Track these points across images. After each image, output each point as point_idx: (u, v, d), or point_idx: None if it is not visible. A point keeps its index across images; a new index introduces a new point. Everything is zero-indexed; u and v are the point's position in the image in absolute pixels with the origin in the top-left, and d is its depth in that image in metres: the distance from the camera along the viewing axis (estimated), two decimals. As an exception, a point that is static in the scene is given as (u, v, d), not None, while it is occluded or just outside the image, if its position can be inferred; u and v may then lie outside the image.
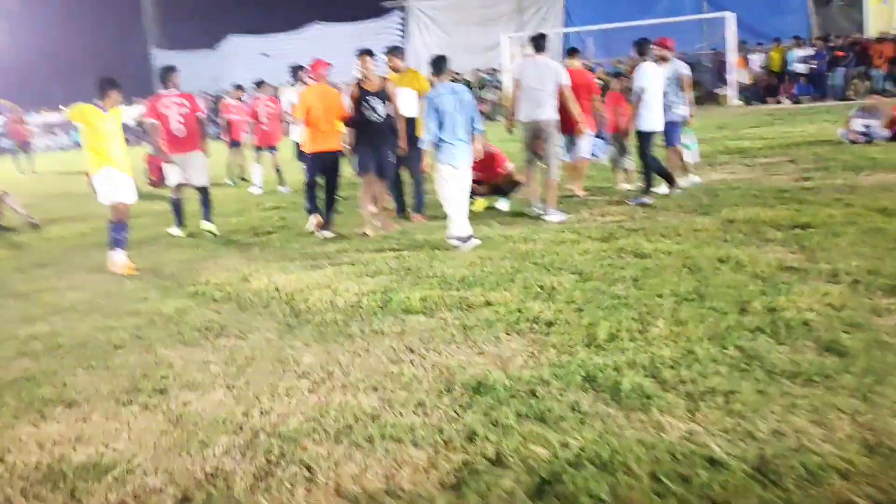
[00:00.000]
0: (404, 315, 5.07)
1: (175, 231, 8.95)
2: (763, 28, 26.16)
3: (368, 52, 8.06)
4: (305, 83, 9.70)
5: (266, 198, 11.84)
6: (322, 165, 8.32)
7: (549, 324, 4.63)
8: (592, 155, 10.93)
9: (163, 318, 5.43)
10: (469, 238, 7.04)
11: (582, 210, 8.56)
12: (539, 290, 5.37)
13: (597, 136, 10.40)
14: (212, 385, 4.11)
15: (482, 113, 10.28)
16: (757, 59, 24.73)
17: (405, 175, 8.95)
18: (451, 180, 7.15)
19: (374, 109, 7.90)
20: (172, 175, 8.83)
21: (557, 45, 30.49)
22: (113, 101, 7.25)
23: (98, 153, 7.17)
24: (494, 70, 28.96)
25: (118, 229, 7.18)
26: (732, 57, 23.94)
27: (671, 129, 9.14)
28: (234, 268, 6.89)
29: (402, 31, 34.20)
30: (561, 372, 3.85)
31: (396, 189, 8.95)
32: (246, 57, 36.17)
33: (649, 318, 4.57)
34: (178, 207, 8.95)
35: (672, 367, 3.81)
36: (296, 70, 10.57)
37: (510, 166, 9.07)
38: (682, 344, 4.12)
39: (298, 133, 9.59)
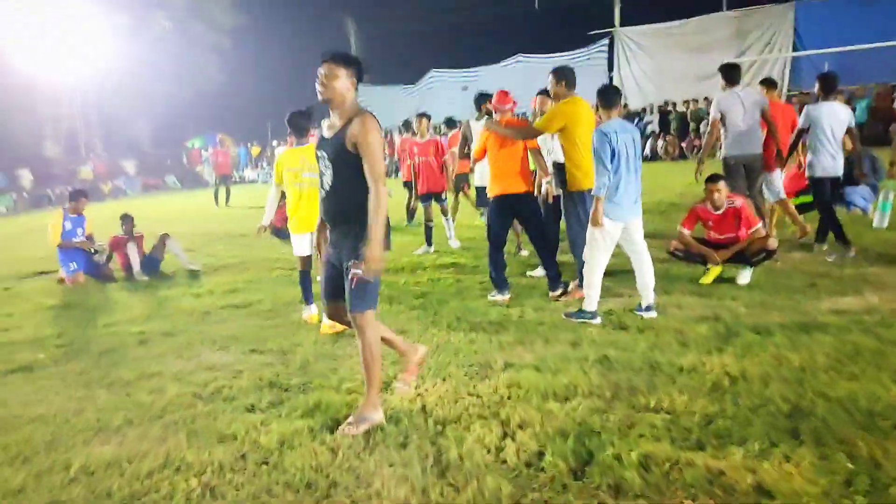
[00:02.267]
0: (613, 497, 3.03)
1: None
2: None
3: (331, 58, 3.99)
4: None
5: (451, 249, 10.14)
6: (508, 211, 6.80)
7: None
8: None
9: (259, 454, 3.74)
10: (594, 315, 5.81)
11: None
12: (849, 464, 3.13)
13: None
14: None
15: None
16: None
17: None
18: (610, 242, 5.81)
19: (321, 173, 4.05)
20: None
21: (785, 72, 27.26)
22: None
23: None
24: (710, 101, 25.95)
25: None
26: None
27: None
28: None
29: (609, 60, 31.95)
30: None
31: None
32: (446, 91, 35.51)
33: None
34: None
35: None
36: (480, 101, 8.72)
37: (761, 226, 6.75)
38: None
39: (478, 175, 8.00)
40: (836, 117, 7.45)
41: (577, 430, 3.66)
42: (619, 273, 6.99)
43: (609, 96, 5.87)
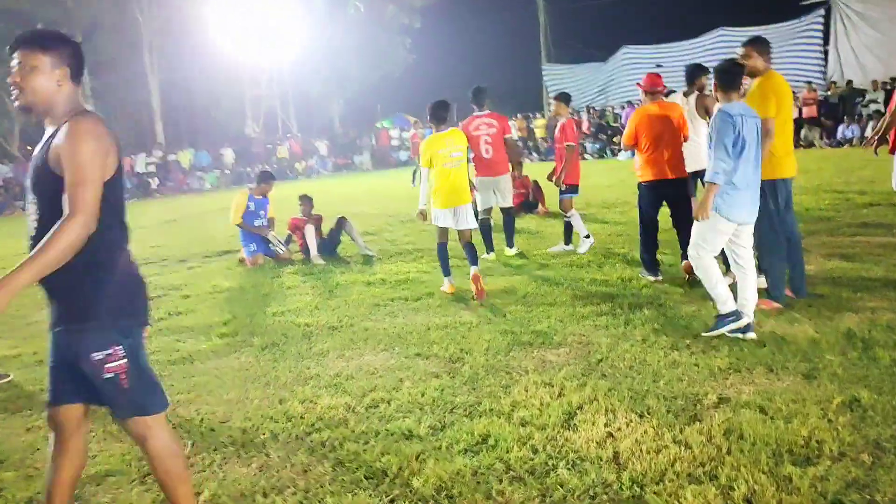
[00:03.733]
0: None
1: (486, 256, 8.42)
2: None
3: None
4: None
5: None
6: (662, 197, 6.73)
7: None
8: None
9: (411, 502, 3.08)
10: (737, 317, 4.87)
11: None
12: None
13: None
14: None
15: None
16: None
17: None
18: (724, 239, 4.99)
19: None
20: (480, 200, 8.50)
21: None
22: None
23: None
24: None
25: None
26: None
27: None
28: (561, 380, 4.34)
29: (824, 31, 28.79)
30: None
31: None
32: (638, 69, 33.67)
33: None
34: (487, 231, 8.55)
35: None
36: (694, 74, 7.51)
37: None
38: None
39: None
40: None
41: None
42: (856, 280, 5.75)
43: (731, 77, 4.95)
